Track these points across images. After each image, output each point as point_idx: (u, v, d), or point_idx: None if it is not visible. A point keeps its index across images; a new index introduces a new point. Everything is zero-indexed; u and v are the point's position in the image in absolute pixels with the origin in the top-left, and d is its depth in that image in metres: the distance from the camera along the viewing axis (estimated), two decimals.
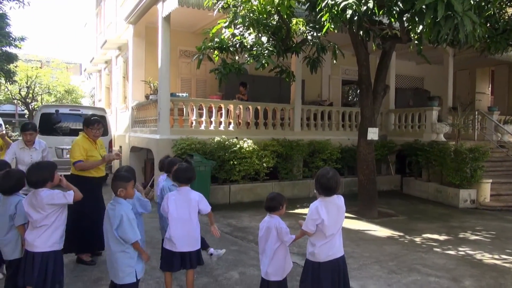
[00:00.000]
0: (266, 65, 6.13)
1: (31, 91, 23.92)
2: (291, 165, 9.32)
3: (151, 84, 9.63)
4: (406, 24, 5.87)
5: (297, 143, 9.22)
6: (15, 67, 18.27)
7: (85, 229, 4.51)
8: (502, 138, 11.18)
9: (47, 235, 3.15)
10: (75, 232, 4.53)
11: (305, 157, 9.57)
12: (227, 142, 8.27)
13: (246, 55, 6.45)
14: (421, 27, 4.88)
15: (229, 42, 6.55)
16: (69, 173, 4.59)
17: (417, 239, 6.11)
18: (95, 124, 4.63)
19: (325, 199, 3.01)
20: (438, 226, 7.02)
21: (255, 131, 9.48)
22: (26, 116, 25.30)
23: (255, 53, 6.20)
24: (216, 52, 6.65)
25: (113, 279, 3.16)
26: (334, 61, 7.22)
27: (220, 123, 9.08)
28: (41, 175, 3.16)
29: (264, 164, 8.59)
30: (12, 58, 15.82)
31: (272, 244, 3.15)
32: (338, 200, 3.07)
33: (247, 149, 8.30)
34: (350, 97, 14.44)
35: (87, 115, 5.18)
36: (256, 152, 8.42)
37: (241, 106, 9.47)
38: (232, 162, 8.18)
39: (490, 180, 9.00)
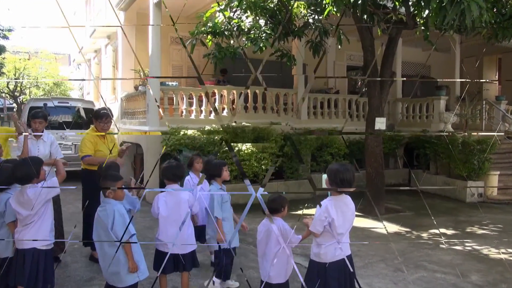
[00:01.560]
0: (264, 48, 5.97)
1: (19, 84, 23.26)
2: (297, 164, 8.82)
3: (141, 73, 9.07)
4: (411, 9, 5.66)
5: (305, 137, 8.81)
6: (3, 59, 17.67)
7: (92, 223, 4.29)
8: (510, 128, 10.77)
9: (35, 229, 3.16)
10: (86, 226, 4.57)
11: (313, 152, 9.15)
12: (216, 137, 7.70)
13: (243, 39, 6.25)
14: (427, 11, 4.75)
15: (223, 26, 6.33)
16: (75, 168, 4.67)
17: (424, 235, 6.08)
18: (103, 117, 4.59)
19: (336, 197, 2.95)
20: (445, 220, 6.96)
21: (254, 115, 9.02)
22: (14, 109, 24.67)
23: (252, 36, 6.05)
24: (209, 37, 6.43)
25: (117, 284, 3.04)
26: (339, 46, 7.03)
27: (211, 112, 8.52)
28: (25, 171, 3.10)
29: (263, 167, 7.99)
30: None
31: (273, 247, 3.09)
32: (348, 200, 3.00)
33: (245, 151, 7.71)
34: (357, 86, 14.10)
35: (98, 109, 5.10)
36: (255, 154, 7.83)
37: (234, 92, 8.96)
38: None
39: (498, 172, 8.72)
